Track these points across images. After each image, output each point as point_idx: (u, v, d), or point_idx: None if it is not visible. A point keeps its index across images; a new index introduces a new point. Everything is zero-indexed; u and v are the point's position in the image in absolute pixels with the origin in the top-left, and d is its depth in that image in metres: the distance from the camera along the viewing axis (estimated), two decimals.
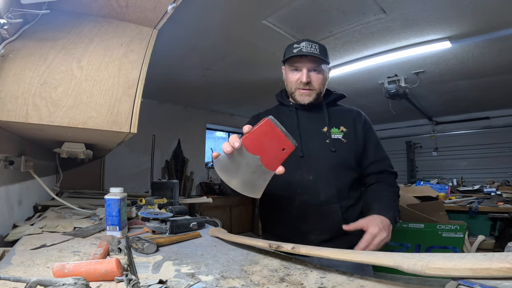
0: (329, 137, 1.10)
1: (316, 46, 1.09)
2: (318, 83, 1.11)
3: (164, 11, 1.02)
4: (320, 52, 1.08)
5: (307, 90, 1.11)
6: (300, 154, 1.07)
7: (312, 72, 1.10)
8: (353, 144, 1.12)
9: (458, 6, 2.25)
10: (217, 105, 5.60)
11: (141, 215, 1.18)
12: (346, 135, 1.12)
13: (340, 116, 1.17)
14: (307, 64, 1.09)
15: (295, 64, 1.11)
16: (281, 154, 0.71)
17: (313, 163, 1.08)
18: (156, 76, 3.60)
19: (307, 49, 1.07)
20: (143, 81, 1.03)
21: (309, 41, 1.09)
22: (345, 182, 1.09)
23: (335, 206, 1.05)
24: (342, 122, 1.15)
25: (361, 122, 1.16)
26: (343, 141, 1.11)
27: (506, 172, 5.30)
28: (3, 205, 1.08)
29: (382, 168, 1.14)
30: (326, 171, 1.07)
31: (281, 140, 0.69)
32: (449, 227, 2.79)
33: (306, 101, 1.12)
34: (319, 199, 1.05)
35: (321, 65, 1.10)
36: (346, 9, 2.30)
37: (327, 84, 1.17)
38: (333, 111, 1.18)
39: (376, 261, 0.56)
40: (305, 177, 1.07)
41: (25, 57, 0.89)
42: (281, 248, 0.73)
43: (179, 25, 2.46)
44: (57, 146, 1.36)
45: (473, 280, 0.41)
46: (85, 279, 0.50)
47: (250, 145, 0.68)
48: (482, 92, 4.42)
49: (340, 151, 1.08)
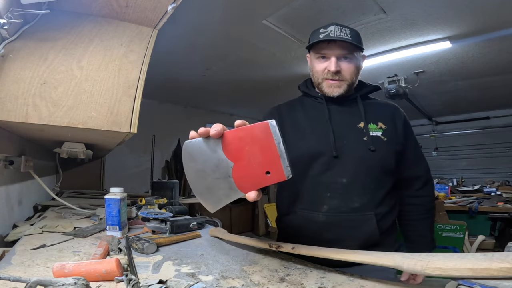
0: (367, 134, 0.95)
1: (347, 30, 0.94)
2: (350, 72, 0.96)
3: (164, 11, 1.02)
4: (351, 37, 0.93)
5: (336, 81, 0.96)
6: (334, 154, 0.92)
7: (342, 60, 0.95)
8: (394, 143, 0.97)
9: (458, 6, 2.25)
10: (217, 105, 5.59)
11: (141, 215, 1.18)
12: (385, 132, 0.97)
13: (377, 110, 1.02)
14: (336, 51, 0.94)
15: (322, 51, 0.96)
16: (262, 177, 0.52)
17: (348, 163, 0.92)
18: (156, 76, 3.60)
19: (336, 33, 0.92)
20: (143, 81, 1.03)
21: (338, 25, 0.94)
22: (383, 186, 0.95)
23: (369, 214, 0.90)
24: (380, 117, 0.99)
25: (401, 119, 1.02)
26: (383, 139, 0.95)
27: (506, 172, 5.30)
28: (3, 205, 1.08)
29: (419, 173, 1.03)
30: (363, 174, 0.92)
31: (270, 159, 0.51)
32: (449, 227, 2.79)
33: (335, 93, 0.96)
34: (352, 206, 0.91)
35: (353, 52, 0.96)
36: (346, 9, 2.30)
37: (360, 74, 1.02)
38: (368, 105, 1.02)
39: (376, 261, 0.56)
40: (337, 180, 0.92)
41: (25, 57, 0.89)
42: (281, 248, 0.73)
43: (179, 25, 2.46)
44: (57, 146, 1.36)
45: (473, 280, 0.41)
46: (85, 279, 0.50)
47: (229, 144, 0.53)
48: (482, 92, 4.42)
49: (380, 150, 0.93)
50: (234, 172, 0.53)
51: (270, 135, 0.51)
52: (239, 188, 0.54)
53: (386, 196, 0.95)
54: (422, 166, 1.05)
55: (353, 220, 0.91)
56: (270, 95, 4.46)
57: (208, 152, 0.53)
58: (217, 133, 0.52)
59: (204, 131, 0.53)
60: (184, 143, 0.55)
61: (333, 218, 0.91)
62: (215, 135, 0.52)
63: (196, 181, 0.56)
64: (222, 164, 0.53)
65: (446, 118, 6.11)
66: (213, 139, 0.53)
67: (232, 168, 0.53)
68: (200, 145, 0.54)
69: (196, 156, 0.55)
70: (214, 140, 0.53)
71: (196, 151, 0.54)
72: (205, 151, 0.54)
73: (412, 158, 1.02)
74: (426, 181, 1.04)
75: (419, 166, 1.04)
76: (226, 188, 0.54)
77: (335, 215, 0.91)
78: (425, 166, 1.05)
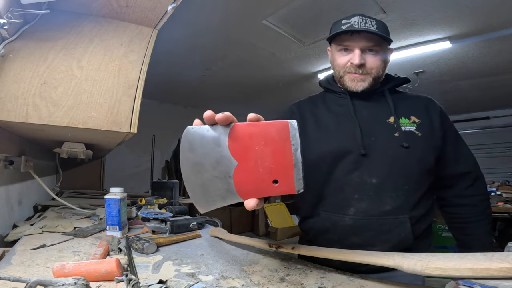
0: (398, 129, 0.86)
1: (373, 21, 0.85)
2: (376, 65, 0.87)
3: (164, 11, 1.02)
4: (378, 29, 0.85)
5: (359, 75, 0.88)
6: (362, 152, 0.84)
7: (367, 52, 0.87)
8: (431, 138, 0.87)
9: (458, 6, 2.25)
10: (217, 105, 5.59)
11: (141, 215, 1.18)
12: (420, 126, 0.87)
13: (409, 104, 0.92)
14: (360, 43, 0.86)
15: (345, 43, 0.88)
16: (267, 185, 0.46)
17: (377, 162, 0.84)
18: (156, 76, 3.60)
19: (360, 24, 0.84)
20: (143, 81, 1.03)
21: (362, 15, 0.86)
22: (419, 187, 0.85)
23: (403, 218, 0.82)
24: (412, 111, 0.90)
25: (436, 111, 0.92)
26: (417, 134, 0.86)
27: (506, 172, 5.30)
28: (3, 205, 1.08)
29: (465, 169, 0.92)
30: (396, 173, 0.83)
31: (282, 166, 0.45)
32: None
33: (359, 87, 0.88)
34: (383, 208, 0.82)
35: (380, 45, 0.87)
36: (346, 9, 2.30)
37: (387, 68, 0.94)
38: (397, 99, 0.93)
39: (376, 261, 0.56)
40: (366, 180, 0.83)
41: (25, 57, 0.89)
42: (281, 248, 0.73)
43: (179, 25, 2.46)
44: (57, 146, 1.36)
45: (473, 280, 0.41)
46: (85, 279, 0.50)
47: (236, 140, 0.46)
48: (482, 92, 4.42)
49: (415, 147, 0.84)
50: (236, 173, 0.46)
51: (288, 138, 0.44)
52: (239, 192, 0.47)
53: (422, 197, 0.85)
54: (468, 161, 0.93)
55: (384, 224, 0.82)
56: (270, 95, 4.47)
57: (211, 144, 0.46)
58: (225, 118, 0.45)
59: (210, 115, 0.46)
60: (186, 128, 0.48)
61: (362, 221, 0.83)
62: (221, 119, 0.45)
63: (191, 175, 0.49)
64: (224, 161, 0.46)
65: None
66: (219, 130, 0.46)
67: (235, 168, 0.46)
68: (203, 134, 0.47)
69: (196, 147, 0.48)
70: (221, 132, 0.46)
71: (197, 141, 0.47)
72: (207, 143, 0.47)
73: (454, 153, 0.91)
74: (475, 177, 0.92)
75: (464, 162, 0.93)
76: (223, 189, 0.48)
77: (363, 218, 0.83)
78: (472, 161, 0.94)
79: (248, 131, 0.45)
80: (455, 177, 0.92)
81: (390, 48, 0.93)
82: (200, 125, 0.48)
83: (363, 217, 0.83)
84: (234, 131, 0.46)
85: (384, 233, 0.82)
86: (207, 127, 0.47)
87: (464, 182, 0.92)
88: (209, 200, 0.49)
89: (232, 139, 0.46)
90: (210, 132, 0.47)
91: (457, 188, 0.93)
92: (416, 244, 0.84)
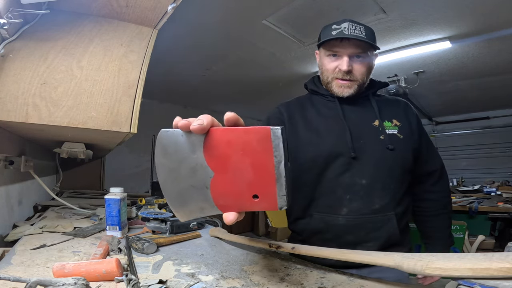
0: (383, 133, 0.92)
1: (362, 28, 0.89)
2: (361, 72, 0.92)
3: (164, 11, 1.02)
4: (366, 35, 0.89)
5: (347, 81, 0.92)
6: (353, 155, 0.88)
7: (355, 59, 0.91)
8: (410, 140, 0.94)
9: (458, 6, 2.25)
10: (217, 105, 5.59)
11: (141, 215, 1.18)
12: (401, 129, 0.94)
13: (390, 107, 0.99)
14: (348, 49, 0.89)
15: (334, 49, 0.91)
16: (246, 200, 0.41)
17: (366, 164, 0.89)
18: (156, 76, 3.60)
19: (350, 30, 0.88)
20: (143, 81, 1.03)
21: (352, 21, 0.89)
22: (402, 185, 0.93)
23: (390, 214, 0.89)
24: (393, 115, 0.96)
25: (413, 115, 1.00)
26: (399, 136, 0.93)
27: (506, 172, 5.30)
28: (3, 205, 1.08)
29: (433, 168, 1.02)
30: (383, 174, 0.89)
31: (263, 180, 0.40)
32: None
33: (345, 93, 0.93)
34: (373, 207, 0.88)
35: (367, 51, 0.91)
36: (346, 9, 2.30)
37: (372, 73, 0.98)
38: (379, 102, 0.99)
39: (376, 261, 0.56)
40: (357, 181, 0.89)
41: (25, 57, 0.89)
42: (281, 248, 0.73)
43: (179, 25, 2.46)
44: (57, 146, 1.36)
45: (473, 280, 0.41)
46: (85, 279, 0.50)
47: (213, 148, 0.40)
48: (482, 92, 4.42)
49: (398, 149, 0.90)
50: (213, 184, 0.41)
51: (270, 149, 0.38)
52: (217, 204, 0.43)
53: (404, 194, 0.93)
54: (436, 161, 1.03)
55: (374, 222, 0.88)
56: (270, 95, 4.46)
57: (186, 150, 0.41)
58: (200, 128, 0.39)
59: (185, 124, 0.41)
60: (160, 131, 0.43)
61: (354, 220, 0.88)
62: (196, 130, 0.40)
63: (167, 182, 0.44)
64: (200, 171, 0.41)
65: (446, 118, 6.11)
66: (194, 136, 0.40)
67: (212, 179, 0.41)
68: (177, 139, 0.42)
69: (170, 152, 0.42)
70: (196, 137, 0.40)
71: (171, 145, 0.42)
72: (182, 148, 0.41)
73: (426, 153, 1.00)
74: (440, 175, 1.03)
75: (434, 161, 1.02)
76: (201, 200, 0.43)
77: (356, 217, 0.88)
78: (439, 161, 1.04)
79: (225, 138, 0.40)
80: (425, 174, 1.02)
81: (376, 54, 0.97)
82: (175, 128, 0.42)
83: (355, 216, 0.88)
84: (210, 137, 0.40)
85: (375, 230, 0.88)
86: (180, 131, 0.42)
87: (431, 179, 1.02)
88: (187, 210, 0.46)
89: (207, 147, 0.40)
90: (184, 138, 0.41)
91: (426, 184, 1.03)
92: (402, 239, 0.91)
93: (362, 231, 0.88)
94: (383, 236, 0.89)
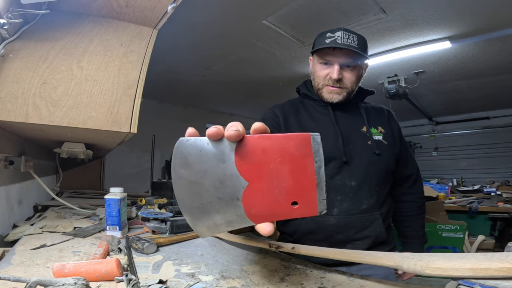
0: (371, 138, 0.99)
1: (355, 37, 0.93)
2: (351, 81, 0.97)
3: (164, 11, 1.02)
4: (358, 45, 0.93)
5: (336, 88, 0.97)
6: (344, 159, 0.95)
7: (346, 68, 0.95)
8: (393, 146, 1.03)
9: (458, 6, 2.25)
10: (217, 105, 5.60)
11: (141, 215, 1.18)
12: (385, 136, 1.02)
13: (376, 115, 1.07)
14: (340, 59, 0.94)
15: (326, 57, 0.96)
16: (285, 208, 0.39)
17: (356, 167, 0.96)
18: (156, 76, 3.60)
19: (343, 40, 0.91)
20: (143, 81, 1.03)
21: (346, 30, 0.93)
22: (386, 187, 1.02)
23: (376, 214, 0.96)
24: (379, 122, 1.04)
25: (395, 122, 1.08)
26: (384, 143, 1.01)
27: (506, 172, 5.30)
28: (3, 205, 1.08)
29: (410, 172, 1.11)
30: (370, 177, 0.97)
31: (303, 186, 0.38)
32: (449, 227, 2.79)
33: (334, 99, 0.98)
34: (361, 207, 0.95)
35: (358, 61, 0.96)
36: (346, 9, 2.30)
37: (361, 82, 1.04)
38: (366, 109, 1.06)
39: (376, 261, 0.56)
40: (347, 183, 0.95)
41: (25, 57, 0.89)
42: (281, 248, 0.73)
43: (179, 25, 2.46)
44: (57, 146, 1.36)
45: (473, 280, 0.41)
46: (85, 279, 0.50)
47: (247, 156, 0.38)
48: (482, 92, 4.43)
49: (383, 154, 0.98)
50: (246, 195, 0.39)
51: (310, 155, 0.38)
52: (249, 216, 0.40)
53: (387, 196, 1.02)
54: (413, 165, 1.12)
55: (362, 221, 0.95)
56: (270, 95, 4.46)
57: (212, 160, 0.39)
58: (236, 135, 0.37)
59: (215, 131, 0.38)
60: (179, 140, 0.40)
61: (344, 220, 0.94)
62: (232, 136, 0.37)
63: (186, 196, 0.41)
64: (230, 181, 0.39)
65: (446, 118, 6.11)
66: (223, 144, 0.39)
67: (245, 189, 0.39)
68: (202, 148, 0.39)
69: (193, 162, 0.39)
70: (225, 146, 0.38)
71: (194, 155, 0.39)
72: (208, 158, 0.39)
73: (405, 158, 1.09)
74: (416, 178, 1.12)
75: (411, 165, 1.12)
76: (230, 212, 0.40)
77: (345, 217, 0.94)
78: (415, 165, 1.14)
79: (261, 146, 0.38)
80: (404, 177, 1.10)
81: (366, 64, 1.02)
82: (198, 137, 0.40)
83: (345, 216, 0.94)
84: (243, 145, 0.38)
85: (363, 229, 0.95)
86: (206, 139, 0.39)
87: (409, 181, 1.11)
88: (211, 225, 0.42)
89: (240, 155, 0.38)
90: (211, 146, 0.39)
91: (404, 186, 1.11)
92: (387, 237, 0.98)
93: (351, 230, 0.95)
94: (371, 234, 0.95)
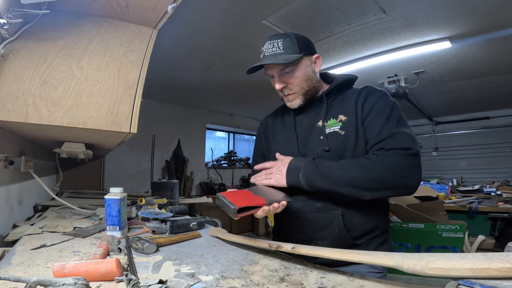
0: (323, 133, 0.93)
1: (279, 42, 0.90)
2: (297, 83, 0.94)
3: (164, 11, 1.02)
4: (284, 49, 0.89)
5: (287, 96, 0.97)
6: None
7: (286, 74, 0.93)
8: (354, 133, 0.89)
9: (458, 6, 2.25)
10: (217, 105, 5.59)
11: (141, 215, 1.18)
12: (345, 124, 0.91)
13: (342, 103, 0.95)
14: (274, 69, 0.93)
15: (267, 72, 0.97)
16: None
17: None
18: (156, 76, 3.60)
19: (269, 51, 0.91)
20: (143, 81, 1.03)
21: (271, 38, 0.92)
22: None
23: (334, 213, 0.90)
24: (342, 109, 0.94)
25: (362, 99, 0.91)
26: (340, 133, 0.91)
27: (506, 172, 5.31)
28: (3, 205, 1.08)
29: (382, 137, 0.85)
30: None
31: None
32: (449, 227, 2.79)
33: (294, 105, 0.98)
34: (315, 206, 0.92)
35: (292, 63, 0.91)
36: (346, 9, 2.30)
37: (316, 75, 0.97)
38: (336, 100, 0.98)
39: (376, 261, 0.56)
40: None
41: (25, 57, 0.89)
42: (281, 248, 0.73)
43: (179, 25, 2.46)
44: (57, 146, 1.36)
45: (473, 280, 0.41)
46: (85, 279, 0.50)
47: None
48: (482, 92, 4.42)
49: (336, 148, 0.90)
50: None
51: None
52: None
53: None
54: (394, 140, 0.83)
55: (320, 220, 0.92)
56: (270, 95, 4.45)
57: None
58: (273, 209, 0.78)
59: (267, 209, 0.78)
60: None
61: (300, 220, 0.95)
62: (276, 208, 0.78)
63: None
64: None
65: (446, 118, 6.11)
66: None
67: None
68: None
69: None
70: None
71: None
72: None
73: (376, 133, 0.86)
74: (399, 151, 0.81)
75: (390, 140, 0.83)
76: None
77: (300, 217, 0.94)
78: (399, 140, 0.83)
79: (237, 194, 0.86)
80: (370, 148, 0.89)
81: (311, 56, 0.96)
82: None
83: (300, 216, 0.94)
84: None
85: (320, 228, 0.92)
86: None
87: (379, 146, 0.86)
88: None
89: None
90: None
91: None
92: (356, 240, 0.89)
93: (310, 230, 0.94)
94: (330, 236, 0.90)
